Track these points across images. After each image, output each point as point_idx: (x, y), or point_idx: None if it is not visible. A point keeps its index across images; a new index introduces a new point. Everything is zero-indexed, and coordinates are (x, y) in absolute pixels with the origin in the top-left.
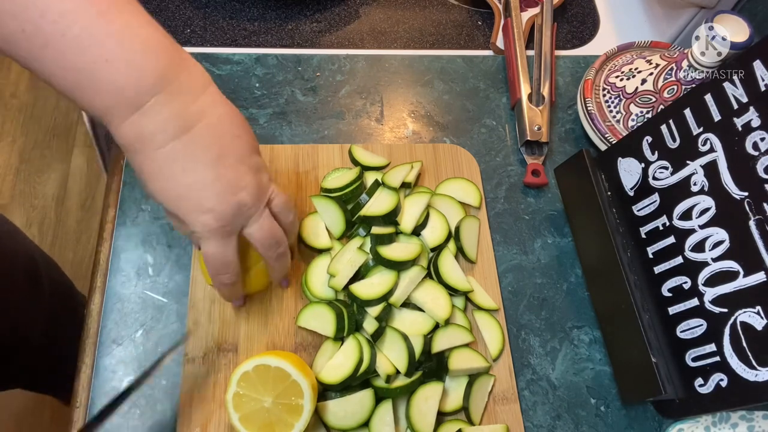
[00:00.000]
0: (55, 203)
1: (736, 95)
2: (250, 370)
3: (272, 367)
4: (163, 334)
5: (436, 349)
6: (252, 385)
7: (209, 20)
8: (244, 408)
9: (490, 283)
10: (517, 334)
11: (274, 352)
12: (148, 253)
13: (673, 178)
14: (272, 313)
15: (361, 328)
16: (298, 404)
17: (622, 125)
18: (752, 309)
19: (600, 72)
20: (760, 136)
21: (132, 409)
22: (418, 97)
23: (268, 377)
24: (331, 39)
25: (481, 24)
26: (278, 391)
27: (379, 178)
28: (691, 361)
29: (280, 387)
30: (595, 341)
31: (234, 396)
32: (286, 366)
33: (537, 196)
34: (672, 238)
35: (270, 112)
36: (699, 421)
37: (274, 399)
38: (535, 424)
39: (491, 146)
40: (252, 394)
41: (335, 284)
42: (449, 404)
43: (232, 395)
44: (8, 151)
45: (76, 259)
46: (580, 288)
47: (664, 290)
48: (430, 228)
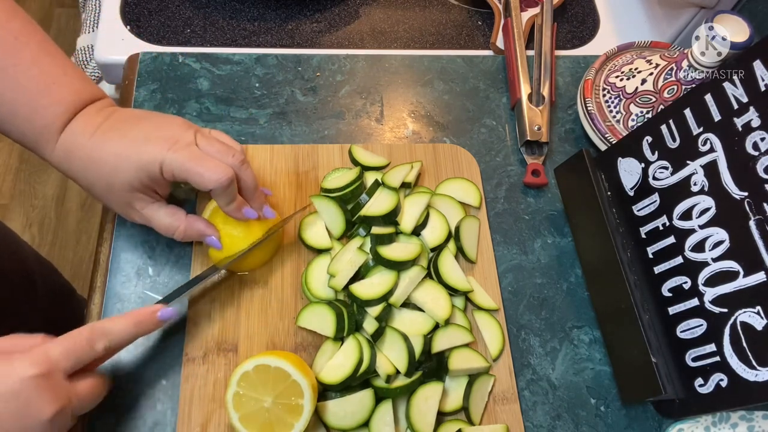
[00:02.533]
0: (55, 203)
1: (736, 95)
2: (251, 369)
3: (272, 367)
4: (163, 334)
5: (436, 349)
6: (252, 385)
7: (209, 20)
8: (244, 408)
9: (490, 283)
10: (517, 334)
11: (274, 352)
12: (148, 253)
13: (673, 178)
14: (272, 313)
15: (361, 328)
16: (298, 404)
17: (622, 125)
18: (752, 309)
19: (600, 72)
20: (760, 136)
21: (132, 408)
22: (418, 97)
23: (268, 377)
24: (331, 39)
25: (481, 24)
26: (278, 391)
27: (379, 178)
28: (691, 361)
29: (280, 387)
30: (595, 341)
31: (234, 396)
32: (286, 366)
33: (537, 196)
34: (672, 238)
35: (270, 112)
36: (699, 421)
37: (274, 399)
38: (535, 424)
39: (491, 146)
40: (252, 393)
41: (335, 284)
42: (449, 404)
43: (233, 395)
44: (8, 151)
45: (76, 259)
46: (580, 288)
47: (664, 290)
48: (430, 228)
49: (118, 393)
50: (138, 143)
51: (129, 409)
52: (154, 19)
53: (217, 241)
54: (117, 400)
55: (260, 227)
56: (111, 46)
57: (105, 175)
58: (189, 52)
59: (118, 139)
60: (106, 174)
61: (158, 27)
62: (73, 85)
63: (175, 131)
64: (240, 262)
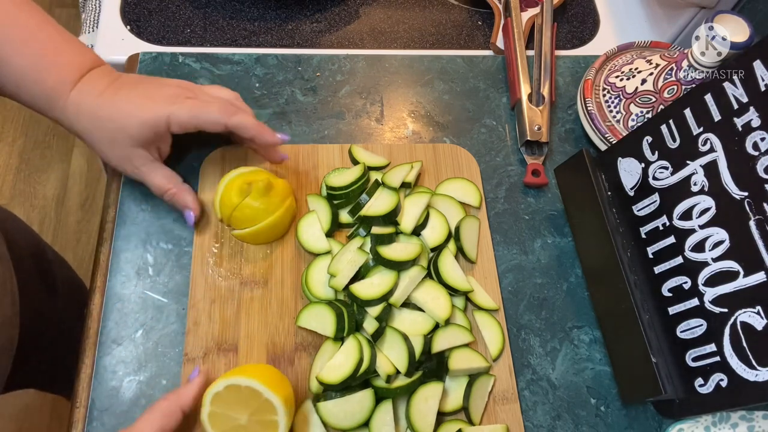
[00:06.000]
0: (55, 203)
1: (736, 95)
2: (221, 390)
3: (243, 387)
4: (163, 334)
5: (436, 349)
6: (226, 404)
7: (209, 20)
8: (222, 426)
9: (490, 283)
10: (517, 334)
11: (244, 370)
12: (148, 253)
13: (673, 178)
14: (272, 313)
15: (361, 328)
16: (273, 420)
17: (622, 125)
18: (752, 309)
19: (600, 72)
20: (760, 136)
21: (131, 409)
22: (418, 97)
23: (240, 396)
24: (331, 39)
25: (481, 24)
26: (252, 408)
27: (379, 178)
28: (691, 361)
29: (253, 405)
30: (595, 341)
31: (210, 415)
32: (257, 385)
33: (537, 196)
34: (672, 238)
35: (270, 112)
36: (699, 421)
37: (249, 416)
38: (535, 424)
39: (491, 146)
40: (227, 412)
41: (335, 284)
42: (449, 404)
43: (208, 414)
44: (8, 151)
45: (76, 259)
46: (580, 288)
47: (664, 290)
48: (430, 228)
49: (118, 393)
50: (143, 100)
51: (129, 409)
52: (154, 19)
53: (192, 218)
54: (117, 400)
55: (278, 200)
56: (111, 46)
57: (110, 131)
58: (189, 52)
59: (125, 98)
60: (112, 130)
61: (158, 27)
62: (78, 50)
63: (175, 90)
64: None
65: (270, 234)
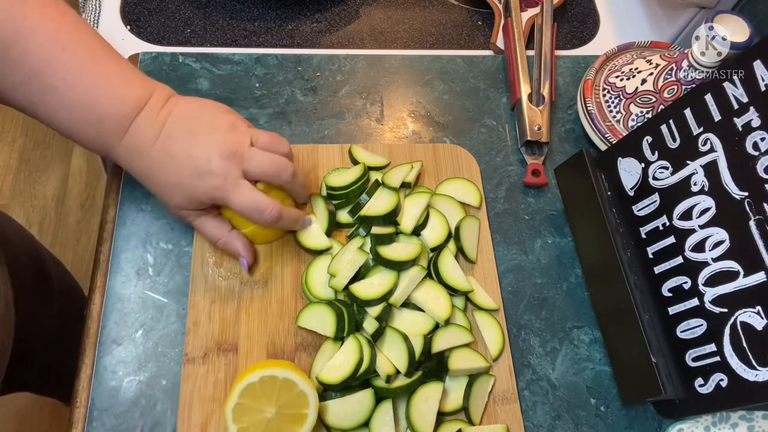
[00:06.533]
0: (55, 203)
1: (736, 95)
2: (256, 381)
3: (279, 378)
4: (163, 334)
5: (436, 349)
6: (256, 397)
7: (209, 20)
8: (244, 420)
9: (490, 283)
10: (517, 334)
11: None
12: (148, 253)
13: (673, 178)
14: (272, 313)
15: (361, 328)
16: (303, 413)
17: (622, 125)
18: (752, 309)
19: (600, 72)
20: (760, 136)
21: (131, 409)
22: (418, 97)
23: (273, 388)
24: (331, 39)
25: (481, 24)
26: (282, 401)
27: (379, 178)
28: (691, 361)
29: (284, 398)
30: (595, 341)
31: (235, 407)
32: (294, 377)
33: (537, 196)
34: (672, 238)
35: (270, 112)
36: (699, 421)
37: (277, 409)
38: (535, 424)
39: (491, 146)
40: (255, 404)
41: (335, 284)
42: (449, 404)
43: (233, 406)
44: (8, 151)
45: (76, 259)
46: (580, 288)
47: (664, 290)
48: (430, 228)
49: (118, 393)
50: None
51: (129, 410)
52: (154, 19)
53: (246, 265)
54: (117, 400)
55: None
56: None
57: (161, 194)
58: (189, 52)
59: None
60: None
61: (158, 27)
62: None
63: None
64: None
65: (270, 234)
